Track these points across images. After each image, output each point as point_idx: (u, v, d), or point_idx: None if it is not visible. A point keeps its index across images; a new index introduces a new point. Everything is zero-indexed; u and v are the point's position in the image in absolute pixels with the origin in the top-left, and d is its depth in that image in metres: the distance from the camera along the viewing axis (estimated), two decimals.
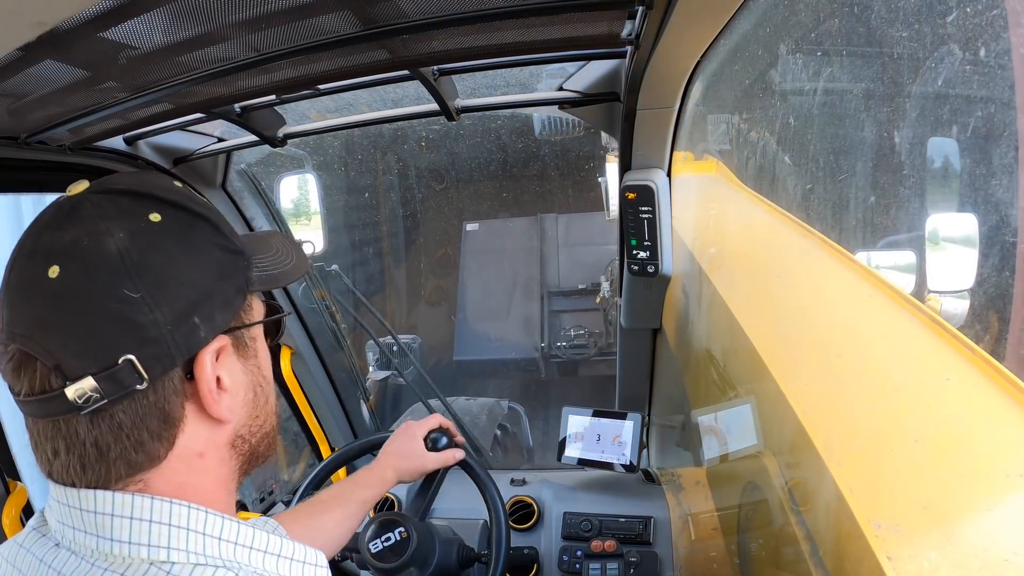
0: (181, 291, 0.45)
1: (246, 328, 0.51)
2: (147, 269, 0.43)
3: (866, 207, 1.50)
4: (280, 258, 0.56)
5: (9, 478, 1.05)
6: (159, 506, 0.45)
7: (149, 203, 0.46)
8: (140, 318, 0.43)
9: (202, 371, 0.46)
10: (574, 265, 4.60)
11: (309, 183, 1.84)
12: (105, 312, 0.42)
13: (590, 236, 4.63)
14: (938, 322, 0.70)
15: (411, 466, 1.03)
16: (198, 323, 0.45)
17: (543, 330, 4.38)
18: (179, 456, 0.46)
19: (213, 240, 0.48)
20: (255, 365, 0.52)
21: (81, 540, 0.45)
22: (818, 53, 1.36)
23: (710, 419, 1.02)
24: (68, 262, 0.43)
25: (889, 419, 0.61)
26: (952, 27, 1.03)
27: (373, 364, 2.91)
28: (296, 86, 0.86)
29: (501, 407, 2.92)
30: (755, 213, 1.28)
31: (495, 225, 5.01)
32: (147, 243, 0.44)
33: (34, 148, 0.93)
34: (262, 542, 0.48)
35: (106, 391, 0.42)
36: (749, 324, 0.84)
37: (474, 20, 0.66)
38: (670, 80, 0.92)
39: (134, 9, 0.55)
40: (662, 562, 1.24)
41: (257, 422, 0.53)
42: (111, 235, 0.43)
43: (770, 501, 0.72)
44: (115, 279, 0.43)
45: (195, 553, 0.45)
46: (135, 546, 0.44)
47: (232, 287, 0.49)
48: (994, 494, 0.49)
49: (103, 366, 0.42)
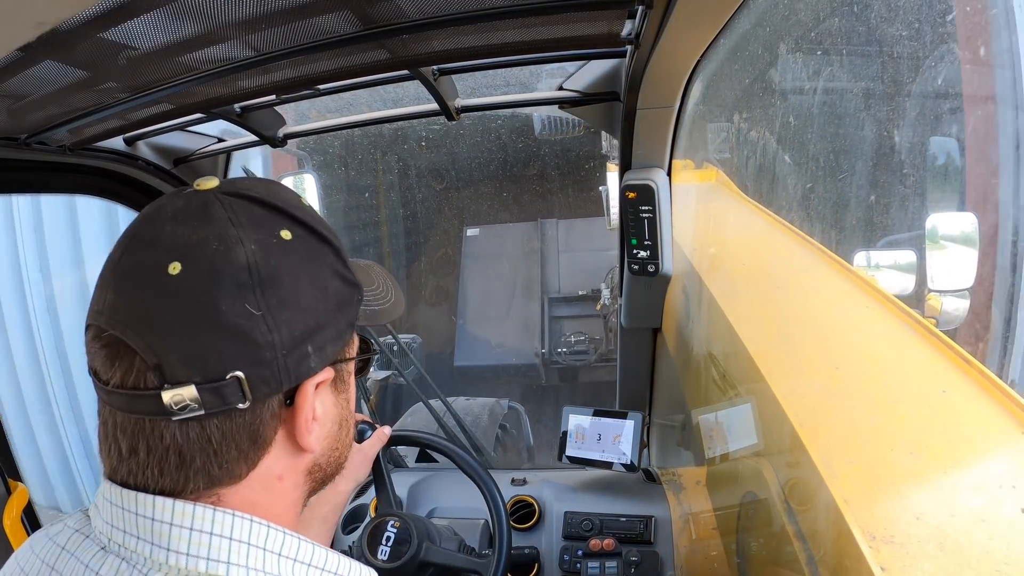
0: (301, 316, 0.43)
1: (346, 362, 0.50)
2: (273, 287, 0.42)
3: (866, 206, 1.51)
4: (380, 293, 0.55)
5: (10, 478, 1.05)
6: (220, 518, 0.43)
7: (281, 218, 0.45)
8: (258, 336, 0.41)
9: (304, 400, 0.45)
10: (575, 271, 4.60)
11: (309, 183, 1.84)
12: (223, 323, 0.40)
13: (590, 241, 4.63)
14: (934, 333, 0.72)
15: (352, 463, 0.97)
16: (311, 352, 0.44)
17: (543, 336, 4.38)
18: (259, 477, 0.45)
19: (335, 268, 0.47)
20: (346, 399, 0.52)
21: (133, 545, 0.42)
22: (818, 52, 1.36)
23: (710, 419, 1.02)
24: (193, 262, 0.40)
25: (885, 430, 0.62)
26: (951, 26, 1.03)
27: (373, 364, 2.91)
28: (296, 86, 0.86)
29: (502, 407, 2.92)
30: (753, 221, 1.29)
31: (495, 230, 5.00)
32: (277, 260, 0.42)
33: (34, 149, 0.93)
34: (321, 559, 0.47)
35: (206, 403, 0.40)
36: (747, 335, 0.85)
37: (474, 20, 0.66)
38: (670, 80, 0.92)
39: (134, 9, 0.55)
40: (663, 562, 1.24)
41: (335, 453, 0.52)
42: (242, 244, 0.41)
43: (768, 506, 0.72)
44: (240, 291, 0.41)
45: (255, 570, 0.43)
46: (193, 558, 0.42)
47: (345, 319, 0.47)
48: (987, 506, 0.50)
49: (209, 378, 0.40)
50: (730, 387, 0.88)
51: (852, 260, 2.46)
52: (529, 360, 4.37)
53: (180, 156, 1.25)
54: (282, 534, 0.45)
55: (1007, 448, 0.56)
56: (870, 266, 2.38)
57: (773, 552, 0.71)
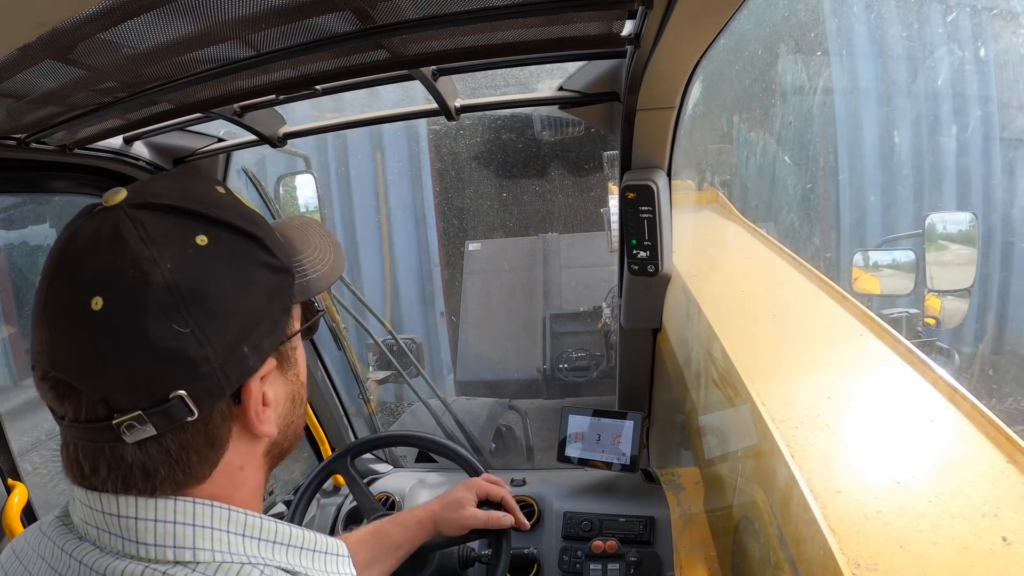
0: (231, 322, 0.43)
1: (288, 341, 0.50)
2: (197, 301, 0.42)
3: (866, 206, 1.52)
4: (318, 257, 0.54)
5: (10, 478, 1.04)
6: (182, 507, 0.44)
7: (194, 223, 0.44)
8: (191, 354, 0.41)
9: (249, 396, 0.45)
10: (576, 287, 4.59)
11: (309, 183, 1.84)
12: (154, 348, 0.41)
13: (593, 257, 4.61)
14: (924, 363, 0.74)
15: (454, 516, 0.96)
16: (247, 352, 0.44)
17: (545, 352, 4.37)
18: (222, 472, 0.46)
19: (261, 260, 0.46)
20: (295, 374, 0.52)
21: (106, 540, 0.44)
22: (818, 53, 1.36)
23: (710, 420, 1.02)
24: (113, 294, 0.41)
25: (873, 458, 0.64)
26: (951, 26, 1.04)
27: (373, 364, 2.90)
28: (295, 86, 0.86)
29: (502, 407, 2.92)
30: (751, 244, 1.32)
31: (497, 244, 5.00)
32: (195, 272, 0.42)
33: (34, 149, 0.93)
34: (285, 535, 0.48)
35: (156, 424, 0.41)
36: (744, 367, 0.86)
37: (474, 20, 0.66)
38: (670, 80, 0.92)
39: (134, 9, 0.54)
40: (663, 562, 1.23)
41: (292, 427, 0.53)
42: (157, 265, 0.41)
43: (761, 515, 0.73)
44: (164, 313, 0.41)
45: (220, 552, 0.44)
46: (160, 548, 0.43)
47: (278, 307, 0.47)
48: (969, 534, 0.51)
49: (153, 402, 0.41)
50: (729, 388, 0.88)
51: (852, 260, 2.46)
52: (531, 375, 4.36)
53: (180, 156, 1.25)
54: (244, 515, 0.46)
55: (990, 476, 0.58)
56: (869, 266, 2.37)
57: (766, 563, 0.71)
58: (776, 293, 1.15)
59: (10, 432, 1.06)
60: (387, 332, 1.99)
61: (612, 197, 2.28)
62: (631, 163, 1.14)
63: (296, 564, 0.48)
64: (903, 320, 2.67)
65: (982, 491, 0.56)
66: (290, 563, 0.47)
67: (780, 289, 1.15)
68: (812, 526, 0.56)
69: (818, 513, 0.56)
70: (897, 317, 2.66)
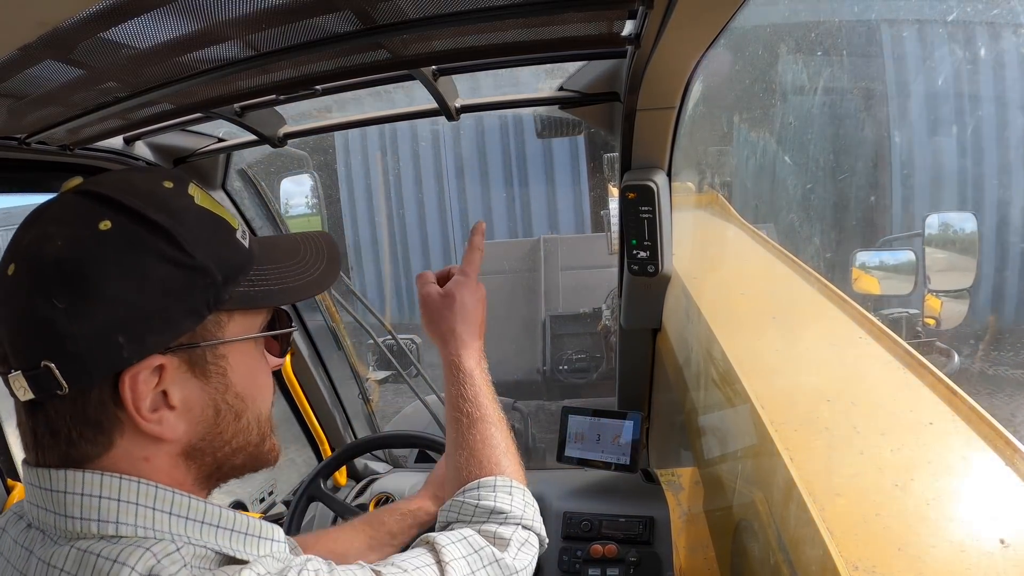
0: (106, 308, 0.44)
1: (208, 347, 0.49)
2: (76, 281, 0.44)
3: (866, 206, 1.52)
4: (298, 269, 0.54)
5: (9, 478, 1.04)
6: (108, 481, 0.46)
7: (104, 209, 0.46)
8: (61, 328, 0.44)
9: (125, 389, 0.45)
10: (576, 288, 4.58)
11: (309, 184, 1.84)
12: (35, 317, 0.44)
13: (592, 259, 4.60)
14: (924, 365, 0.74)
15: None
16: (122, 343, 0.44)
17: (545, 353, 4.37)
18: (122, 456, 0.47)
19: (164, 254, 0.46)
20: (221, 384, 0.50)
21: (43, 518, 0.46)
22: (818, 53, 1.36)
23: (709, 420, 1.02)
24: (21, 262, 0.45)
25: (872, 461, 0.63)
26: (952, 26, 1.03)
27: (373, 364, 2.91)
28: (296, 86, 0.86)
29: (505, 406, 2.92)
30: (751, 246, 1.32)
31: (497, 246, 5.00)
32: (84, 254, 0.44)
33: (34, 148, 0.93)
34: (214, 517, 0.48)
35: (32, 389, 0.44)
36: (743, 368, 0.86)
37: (474, 20, 0.66)
38: (670, 80, 0.91)
39: (134, 9, 0.55)
40: (662, 562, 1.23)
41: (222, 438, 0.51)
42: (52, 241, 0.45)
43: (760, 517, 0.73)
44: (48, 286, 0.44)
45: (143, 527, 0.45)
46: (86, 522, 0.45)
47: (181, 307, 0.47)
48: (967, 536, 0.52)
49: (28, 366, 0.44)
50: (728, 389, 0.88)
51: (851, 260, 2.46)
52: (531, 377, 4.36)
53: (180, 156, 1.25)
54: (171, 493, 0.47)
55: (989, 479, 0.58)
56: (868, 266, 2.37)
57: (765, 564, 0.71)
58: (776, 295, 1.15)
59: None
60: (387, 332, 1.99)
61: (612, 199, 2.28)
62: (631, 163, 1.14)
63: (225, 546, 0.48)
64: (903, 320, 2.66)
65: (981, 494, 0.57)
66: (219, 544, 0.47)
67: (780, 291, 1.15)
68: (811, 528, 0.56)
69: (817, 515, 0.56)
70: (897, 317, 2.66)
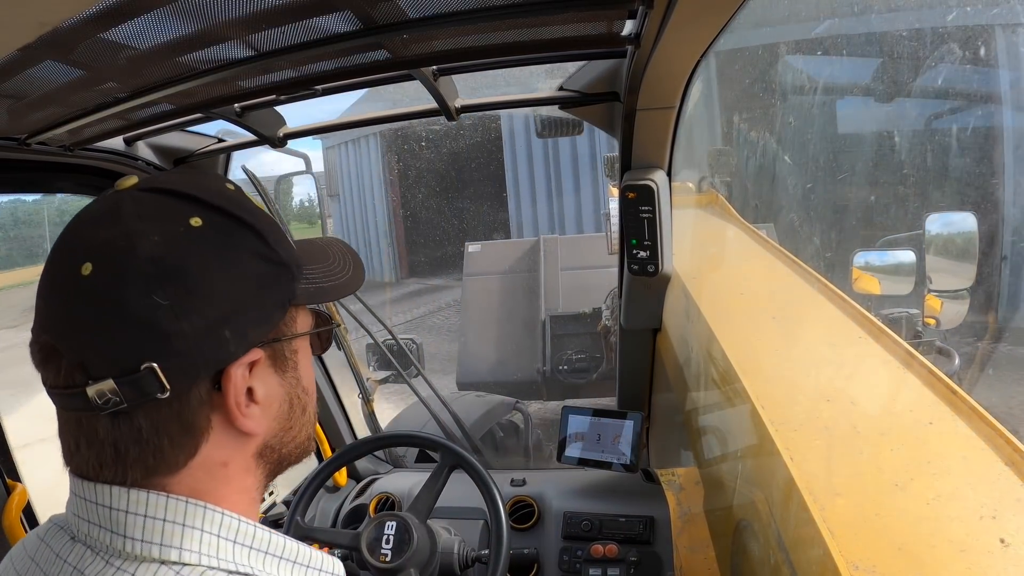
0: (213, 303, 0.43)
1: (287, 341, 0.50)
2: (179, 276, 0.42)
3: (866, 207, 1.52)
4: (336, 269, 0.55)
5: (9, 479, 1.04)
6: (174, 505, 0.44)
7: (192, 206, 0.45)
8: (166, 327, 0.42)
9: (230, 385, 0.45)
10: (576, 288, 4.58)
11: (309, 184, 1.84)
12: (131, 316, 0.41)
13: (592, 259, 4.61)
14: (923, 364, 0.74)
15: None
16: (228, 337, 0.44)
17: (545, 353, 4.37)
18: (200, 465, 0.46)
19: (256, 250, 0.46)
20: (294, 377, 0.51)
21: (96, 535, 0.44)
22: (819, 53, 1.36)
23: (709, 420, 1.02)
24: (101, 261, 0.42)
25: (872, 461, 0.64)
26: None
27: (373, 364, 2.91)
28: (296, 86, 0.86)
29: (504, 406, 2.92)
30: (751, 246, 1.32)
31: (497, 246, 5.00)
32: (183, 249, 0.43)
33: (34, 149, 0.93)
34: (278, 547, 0.48)
35: (126, 396, 0.41)
36: (743, 368, 0.86)
37: (474, 20, 0.66)
38: (670, 80, 0.92)
39: (134, 9, 0.55)
40: (662, 562, 1.24)
41: (291, 433, 0.52)
42: (146, 237, 0.42)
43: (761, 517, 0.73)
44: (146, 284, 0.42)
45: (208, 555, 0.44)
46: (147, 544, 0.43)
47: (271, 300, 0.47)
48: (967, 536, 0.51)
49: (124, 371, 0.41)
50: (729, 389, 0.88)
51: (851, 260, 2.45)
52: (531, 377, 4.36)
53: (180, 156, 1.25)
54: (237, 521, 0.46)
55: (989, 479, 0.58)
56: (868, 267, 2.37)
57: (765, 564, 0.71)
58: (776, 295, 1.15)
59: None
60: (387, 332, 1.99)
61: (612, 200, 2.28)
62: (631, 163, 1.14)
63: None
64: (903, 320, 2.66)
65: (980, 493, 0.56)
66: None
67: (779, 291, 1.15)
68: (811, 528, 0.56)
69: (817, 515, 0.56)
70: (897, 317, 2.66)
